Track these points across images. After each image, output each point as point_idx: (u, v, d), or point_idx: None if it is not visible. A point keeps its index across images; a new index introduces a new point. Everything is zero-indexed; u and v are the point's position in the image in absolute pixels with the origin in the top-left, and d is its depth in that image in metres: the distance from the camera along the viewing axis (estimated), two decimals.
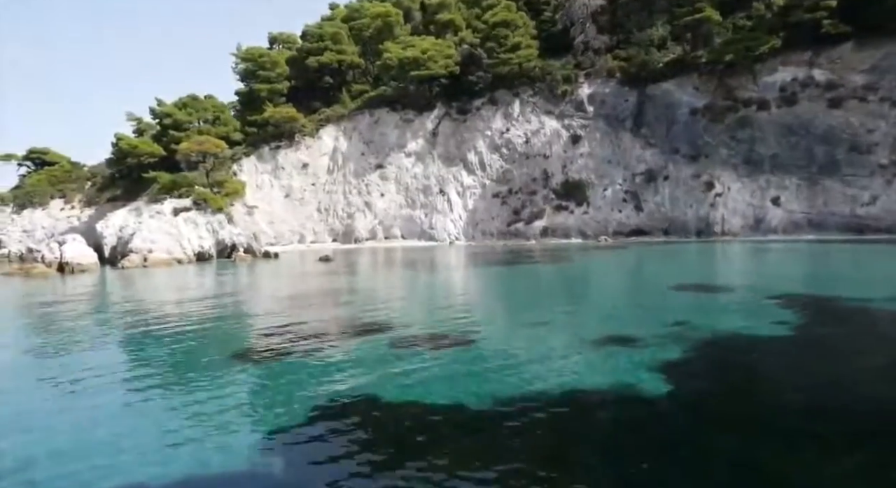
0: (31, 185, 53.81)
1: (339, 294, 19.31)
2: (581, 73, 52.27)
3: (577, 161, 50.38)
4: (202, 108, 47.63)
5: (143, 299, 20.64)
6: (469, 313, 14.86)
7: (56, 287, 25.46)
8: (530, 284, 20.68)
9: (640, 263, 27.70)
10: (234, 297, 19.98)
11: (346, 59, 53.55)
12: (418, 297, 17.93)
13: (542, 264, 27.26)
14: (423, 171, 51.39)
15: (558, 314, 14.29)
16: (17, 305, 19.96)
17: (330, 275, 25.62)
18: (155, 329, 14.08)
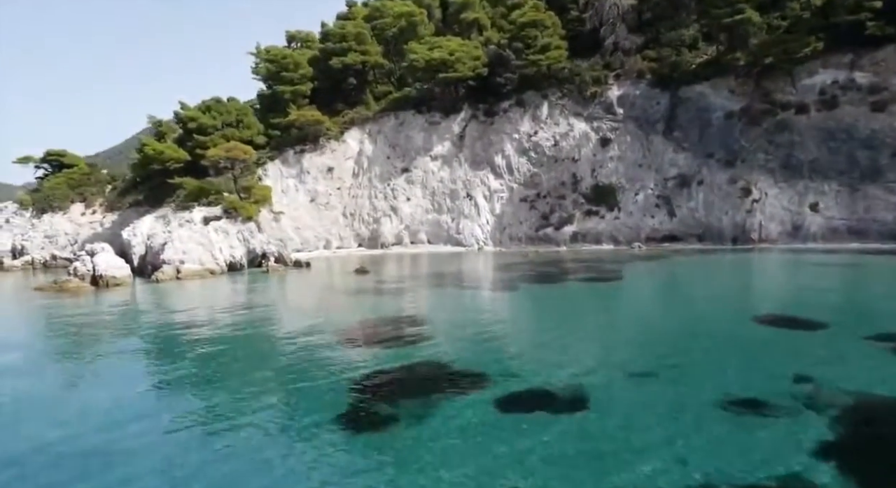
0: (50, 189, 53.06)
1: (398, 325, 18.51)
2: (610, 74, 51.21)
3: (607, 164, 49.42)
4: (225, 111, 46.70)
5: (202, 329, 19.85)
6: (559, 357, 14.08)
7: (102, 308, 24.71)
8: (599, 315, 19.67)
9: (696, 280, 26.85)
10: (302, 331, 19.15)
11: (370, 59, 52.50)
12: (488, 332, 17.08)
13: (592, 282, 26.40)
14: (449, 175, 50.49)
15: (652, 360, 13.48)
16: (92, 338, 19.12)
17: (375, 295, 24.84)
18: (252, 384, 13.34)
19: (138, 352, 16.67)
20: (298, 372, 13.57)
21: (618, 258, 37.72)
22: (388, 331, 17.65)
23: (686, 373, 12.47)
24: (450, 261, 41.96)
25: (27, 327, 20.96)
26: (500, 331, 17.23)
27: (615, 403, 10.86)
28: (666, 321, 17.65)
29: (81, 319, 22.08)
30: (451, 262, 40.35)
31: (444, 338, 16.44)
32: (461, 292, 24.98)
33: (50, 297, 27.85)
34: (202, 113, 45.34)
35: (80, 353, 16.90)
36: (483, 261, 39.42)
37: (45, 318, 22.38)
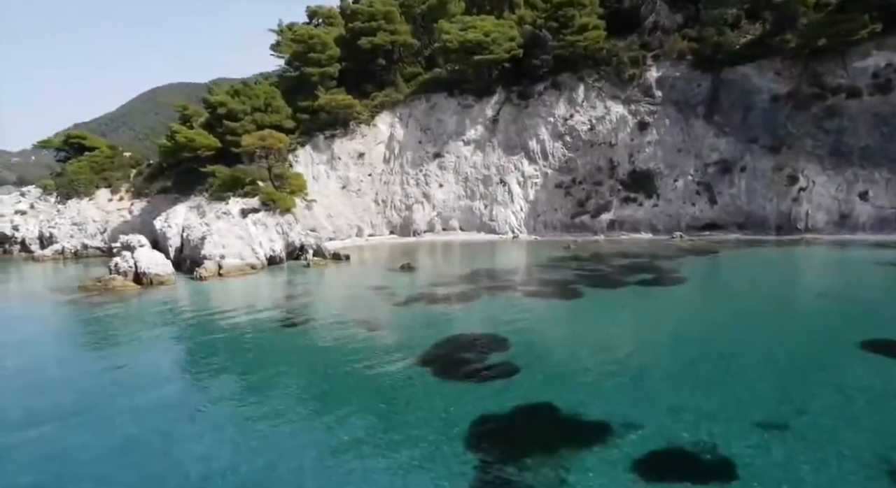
0: (74, 173, 52.04)
1: (477, 348, 17.84)
2: (649, 55, 49.37)
3: (645, 149, 48.06)
4: (254, 95, 45.26)
5: (276, 354, 19.21)
6: (674, 400, 13.38)
7: (163, 315, 24.11)
8: (685, 337, 18.32)
9: (767, 286, 25.91)
10: (378, 355, 18.45)
11: (399, 39, 50.70)
12: (576, 360, 16.34)
13: (655, 287, 25.62)
14: (482, 160, 49.26)
15: (778, 407, 12.75)
16: (179, 359, 18.56)
17: (433, 303, 24.15)
18: None
19: (233, 376, 16.07)
20: (398, 419, 12.86)
21: (663, 251, 36.85)
22: (470, 358, 16.96)
23: (821, 427, 11.73)
24: (489, 252, 41.21)
25: (110, 346, 20.10)
26: (589, 358, 16.51)
27: (764, 472, 10.14)
28: (763, 347, 16.83)
29: (149, 332, 21.51)
30: (492, 255, 39.60)
31: (534, 367, 15.76)
32: (522, 300, 24.24)
33: (100, 299, 27.27)
34: (231, 97, 43.94)
35: (188, 376, 16.32)
36: (524, 254, 38.63)
37: (119, 331, 21.71)
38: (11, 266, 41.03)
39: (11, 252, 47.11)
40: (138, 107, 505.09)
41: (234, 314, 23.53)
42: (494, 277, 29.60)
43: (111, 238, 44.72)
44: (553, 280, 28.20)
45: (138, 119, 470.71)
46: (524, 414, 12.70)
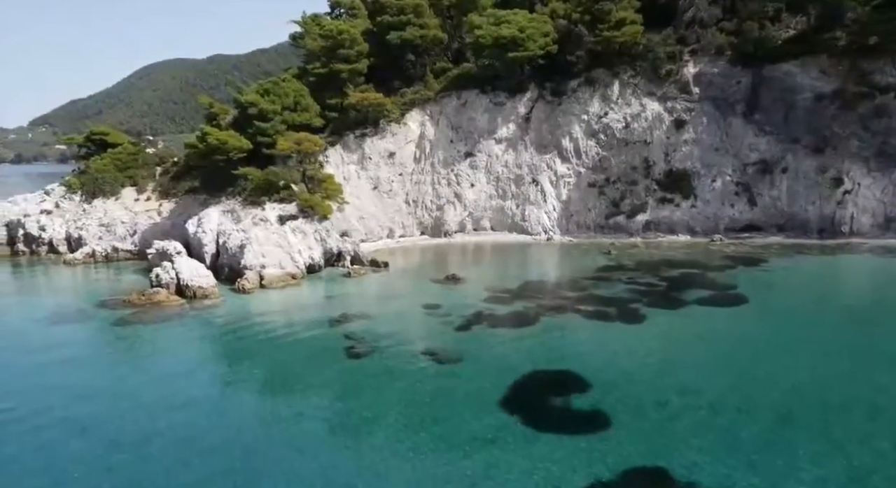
0: (98, 170, 51.14)
1: (567, 393, 17.25)
2: (685, 50, 48.05)
3: (682, 148, 47.07)
4: (283, 94, 44.21)
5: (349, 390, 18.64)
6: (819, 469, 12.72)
7: (224, 342, 23.58)
8: (784, 383, 17.11)
9: (846, 304, 25.00)
10: (465, 401, 17.81)
11: (429, 33, 49.35)
12: (685, 415, 15.50)
13: (718, 307, 25.03)
14: (514, 159, 48.31)
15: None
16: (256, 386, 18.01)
17: (493, 327, 23.51)
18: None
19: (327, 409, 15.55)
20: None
21: (709, 259, 36.10)
22: (554, 404, 16.44)
23: None
24: (528, 256, 40.62)
25: (193, 384, 19.44)
26: (681, 404, 15.93)
27: None
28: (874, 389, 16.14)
29: (219, 367, 20.99)
30: (533, 260, 39.01)
31: (625, 415, 15.24)
32: (584, 325, 23.65)
33: (151, 317, 26.71)
34: (261, 97, 42.88)
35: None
36: (565, 260, 37.93)
37: (192, 365, 21.14)
38: (45, 270, 40.40)
39: (39, 253, 46.39)
40: (135, 83, 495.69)
41: (294, 339, 23.01)
42: (546, 292, 28.99)
43: (141, 241, 44.04)
44: (608, 297, 27.54)
45: (136, 95, 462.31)
46: (635, 482, 12.10)
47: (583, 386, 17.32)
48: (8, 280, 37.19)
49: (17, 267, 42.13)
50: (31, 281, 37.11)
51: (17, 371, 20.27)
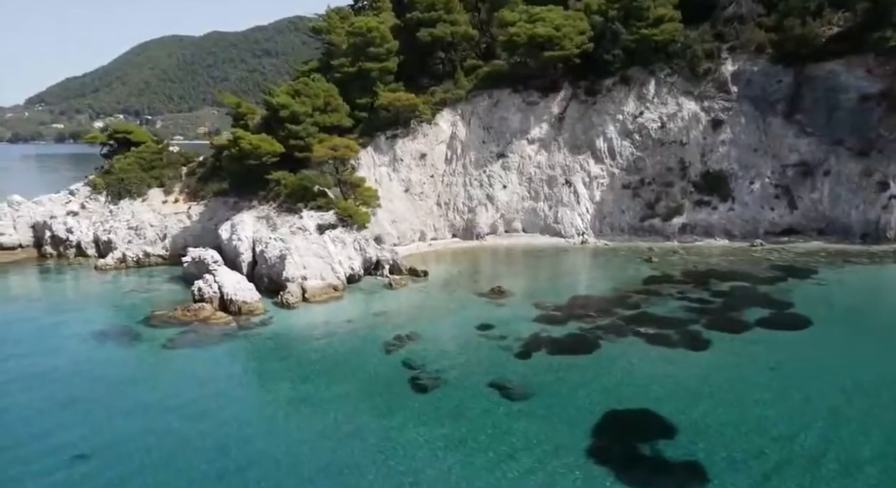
0: (122, 170, 50.52)
1: (650, 438, 16.72)
2: (724, 47, 46.79)
3: (719, 149, 46.13)
4: (314, 95, 43.28)
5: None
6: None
7: (283, 368, 23.12)
8: None
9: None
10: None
11: (459, 30, 48.17)
12: (771, 459, 15.06)
13: (782, 331, 24.38)
14: (547, 160, 47.44)
15: None
16: None
17: (556, 356, 22.93)
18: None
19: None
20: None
21: (756, 269, 35.40)
22: (643, 453, 15.92)
23: None
24: (567, 263, 40.10)
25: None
26: (783, 457, 15.34)
27: None
28: None
29: (289, 403, 20.56)
30: (573, 268, 38.52)
31: (724, 470, 14.65)
32: (648, 352, 23.14)
33: (202, 336, 26.35)
34: (292, 98, 41.96)
35: None
36: (608, 268, 37.25)
37: (263, 390, 20.65)
38: (78, 276, 40.01)
39: (67, 255, 45.97)
40: (131, 60, 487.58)
41: (354, 368, 22.61)
42: (597, 309, 28.44)
43: (172, 245, 43.61)
44: (664, 317, 26.99)
45: (132, 73, 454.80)
46: None
47: (667, 430, 16.84)
48: (44, 289, 36.81)
49: (49, 272, 41.77)
50: (68, 291, 36.65)
51: (84, 409, 19.76)
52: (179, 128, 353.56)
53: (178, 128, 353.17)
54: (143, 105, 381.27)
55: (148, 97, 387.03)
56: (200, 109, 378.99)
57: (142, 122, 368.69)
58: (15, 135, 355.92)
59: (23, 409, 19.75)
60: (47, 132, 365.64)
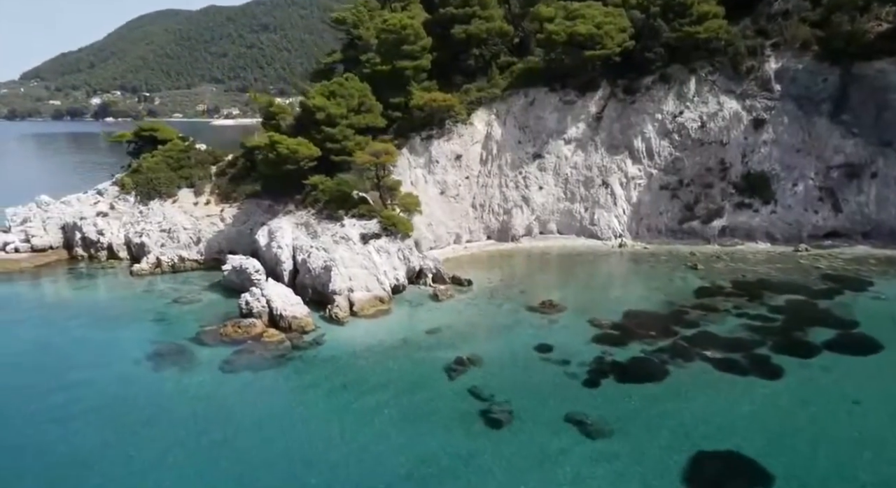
0: (150, 169, 49.87)
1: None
2: (767, 44, 45.47)
3: (760, 149, 45.13)
4: (348, 95, 42.34)
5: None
6: None
7: (351, 399, 22.70)
8: None
9: None
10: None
11: (494, 26, 46.93)
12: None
13: (855, 357, 23.84)
14: (583, 161, 46.53)
15: None
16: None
17: (625, 385, 22.54)
18: None
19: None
20: None
21: (807, 279, 34.73)
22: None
23: None
24: (611, 269, 39.61)
25: None
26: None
27: None
28: None
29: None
30: (618, 276, 38.02)
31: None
32: (719, 381, 22.61)
33: (259, 358, 26.05)
34: (327, 99, 41.05)
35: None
36: (654, 277, 36.63)
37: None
38: (114, 283, 39.71)
39: (98, 257, 45.65)
40: (127, 35, 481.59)
41: (418, 396, 22.29)
42: (655, 327, 27.96)
43: (207, 249, 43.18)
44: (727, 338, 26.51)
45: (128, 49, 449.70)
46: None
47: (762, 477, 16.46)
48: (84, 299, 36.15)
49: (84, 278, 41.41)
50: (109, 301, 36.05)
51: (162, 446, 19.43)
52: (178, 105, 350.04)
53: (177, 105, 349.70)
54: (140, 81, 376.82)
55: (145, 73, 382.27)
56: (199, 86, 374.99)
57: (140, 99, 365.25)
58: (11, 112, 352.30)
59: (106, 448, 19.34)
60: (44, 109, 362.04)
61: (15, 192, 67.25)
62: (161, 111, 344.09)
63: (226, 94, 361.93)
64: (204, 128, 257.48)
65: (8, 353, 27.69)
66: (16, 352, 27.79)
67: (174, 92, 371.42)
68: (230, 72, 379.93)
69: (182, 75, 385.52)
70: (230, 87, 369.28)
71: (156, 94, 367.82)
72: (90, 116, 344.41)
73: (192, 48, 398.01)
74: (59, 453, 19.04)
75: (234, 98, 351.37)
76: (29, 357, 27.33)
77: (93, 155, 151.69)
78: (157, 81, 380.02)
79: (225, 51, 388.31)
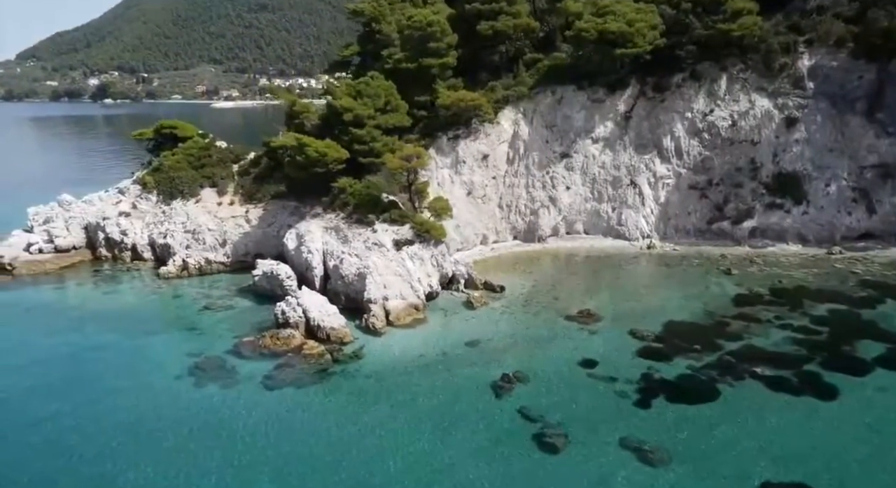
0: (172, 168, 49.42)
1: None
2: (800, 41, 44.52)
3: (792, 149, 44.43)
4: (375, 95, 41.65)
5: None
6: None
7: (399, 419, 22.47)
8: None
9: None
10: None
11: (521, 22, 46.00)
12: None
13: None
14: (612, 160, 45.90)
15: None
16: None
17: (687, 411, 22.20)
18: None
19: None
20: None
21: (845, 286, 34.28)
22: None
23: None
24: (644, 274, 39.16)
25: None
26: None
27: None
28: None
29: None
30: (652, 281, 37.55)
31: None
32: (771, 397, 22.38)
33: (296, 372, 25.83)
34: (354, 100, 40.38)
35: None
36: (688, 283, 36.21)
37: None
38: (142, 287, 39.41)
39: (122, 258, 45.42)
40: (123, 14, 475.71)
41: (467, 415, 22.08)
42: (698, 340, 27.66)
43: (233, 252, 42.87)
44: (774, 353, 26.21)
45: (125, 28, 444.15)
46: None
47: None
48: (112, 304, 35.76)
49: (110, 281, 41.09)
50: (138, 306, 35.70)
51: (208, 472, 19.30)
52: (177, 86, 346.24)
53: (176, 86, 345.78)
54: (138, 62, 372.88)
55: (142, 53, 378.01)
56: (197, 67, 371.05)
57: (139, 80, 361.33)
58: (8, 93, 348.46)
59: (167, 474, 19.12)
60: (42, 90, 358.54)
61: (28, 187, 67.24)
62: (159, 92, 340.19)
63: (225, 74, 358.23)
64: (204, 110, 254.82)
65: (41, 365, 27.30)
66: (48, 365, 27.34)
67: (172, 73, 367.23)
68: (229, 52, 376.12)
69: (180, 56, 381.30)
70: (229, 67, 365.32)
71: (154, 75, 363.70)
72: (88, 97, 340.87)
73: (189, 28, 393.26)
74: (117, 483, 18.83)
75: (234, 79, 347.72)
76: (63, 371, 26.84)
77: (93, 137, 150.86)
78: (155, 62, 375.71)
79: (223, 31, 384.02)
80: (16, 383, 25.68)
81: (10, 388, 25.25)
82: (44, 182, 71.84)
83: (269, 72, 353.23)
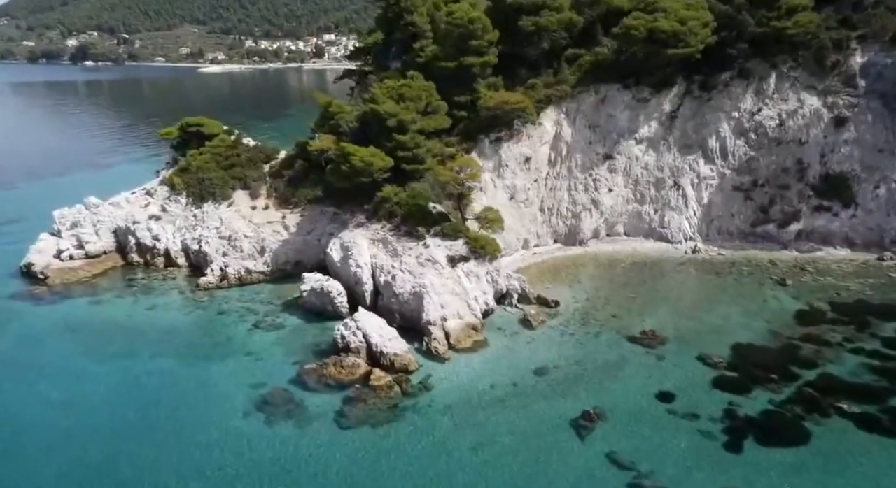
0: (200, 168, 48.05)
1: None
2: (853, 36, 43.03)
3: (840, 149, 43.49)
4: (416, 97, 40.15)
5: None
6: None
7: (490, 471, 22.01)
8: None
9: None
10: None
11: (564, 17, 44.19)
12: None
13: None
14: (655, 161, 44.82)
15: None
16: None
17: (771, 452, 21.76)
18: None
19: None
20: None
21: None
22: None
23: None
24: (695, 286, 38.48)
25: None
26: None
27: None
28: None
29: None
30: (704, 293, 36.85)
31: None
32: (863, 440, 22.28)
33: (370, 410, 25.39)
34: (396, 103, 38.88)
35: None
36: (743, 296, 35.66)
37: None
38: (184, 300, 38.50)
39: (155, 264, 44.45)
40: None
41: (549, 452, 21.72)
42: (772, 367, 27.27)
43: (273, 260, 41.91)
44: (854, 385, 26.04)
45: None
46: None
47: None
48: (156, 322, 34.47)
49: (148, 292, 40.00)
50: (185, 326, 34.44)
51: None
52: (160, 48, 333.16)
53: (159, 48, 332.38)
54: (117, 21, 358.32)
55: (122, 12, 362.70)
56: (180, 27, 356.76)
57: (119, 41, 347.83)
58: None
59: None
60: (18, 50, 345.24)
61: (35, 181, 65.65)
62: (142, 54, 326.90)
63: (209, 36, 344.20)
64: (191, 75, 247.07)
65: (104, 402, 26.71)
66: (112, 401, 26.83)
67: (154, 33, 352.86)
68: (212, 12, 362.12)
69: (161, 15, 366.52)
70: (213, 28, 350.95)
71: (135, 36, 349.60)
72: (67, 59, 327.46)
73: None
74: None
75: (218, 41, 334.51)
76: (118, 406, 26.22)
77: (75, 103, 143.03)
78: (136, 22, 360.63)
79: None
80: (82, 422, 25.16)
81: (76, 428, 24.71)
82: (51, 177, 70.12)
83: (254, 33, 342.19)
